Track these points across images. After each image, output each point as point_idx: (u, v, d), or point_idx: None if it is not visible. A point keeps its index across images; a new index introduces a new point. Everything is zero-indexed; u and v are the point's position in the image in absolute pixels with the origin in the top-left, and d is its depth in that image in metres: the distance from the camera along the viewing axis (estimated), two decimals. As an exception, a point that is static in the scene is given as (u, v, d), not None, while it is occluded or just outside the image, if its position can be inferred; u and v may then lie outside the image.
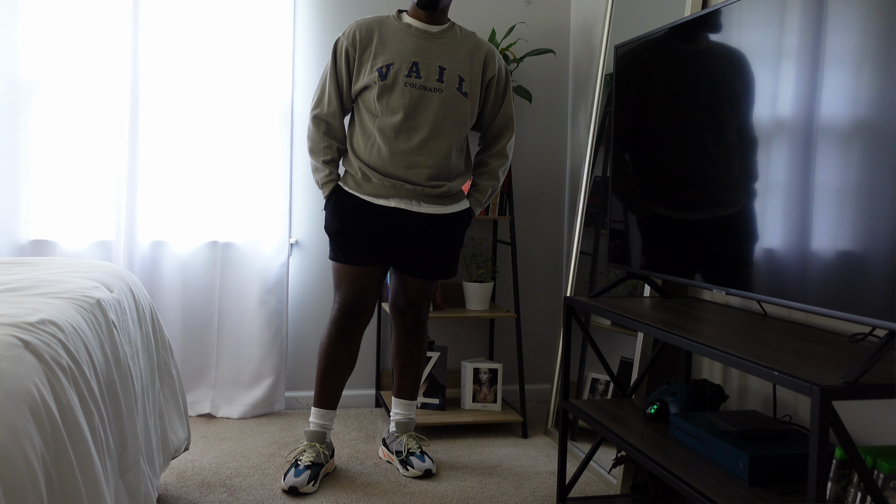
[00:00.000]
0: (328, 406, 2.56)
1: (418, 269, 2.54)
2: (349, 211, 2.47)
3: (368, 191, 2.44)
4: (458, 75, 2.45)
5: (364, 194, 2.45)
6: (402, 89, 2.40)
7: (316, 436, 2.54)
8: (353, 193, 2.46)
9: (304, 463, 2.43)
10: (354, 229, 2.46)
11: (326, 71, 2.50)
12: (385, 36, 2.44)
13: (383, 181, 2.42)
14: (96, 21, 3.02)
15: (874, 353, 1.31)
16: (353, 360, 2.57)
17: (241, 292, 3.17)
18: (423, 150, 2.41)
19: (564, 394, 2.27)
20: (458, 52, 2.48)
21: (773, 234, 1.66)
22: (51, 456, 1.17)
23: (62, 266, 2.03)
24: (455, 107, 2.45)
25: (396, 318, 2.65)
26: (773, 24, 1.68)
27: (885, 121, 1.36)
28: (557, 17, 3.49)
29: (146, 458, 1.81)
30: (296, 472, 2.39)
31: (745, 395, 2.16)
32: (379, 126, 2.41)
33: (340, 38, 2.48)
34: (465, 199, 2.57)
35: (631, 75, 2.29)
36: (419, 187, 2.42)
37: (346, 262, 2.48)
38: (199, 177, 3.14)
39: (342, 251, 2.49)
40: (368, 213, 2.45)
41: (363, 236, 2.46)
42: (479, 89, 2.52)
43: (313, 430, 2.55)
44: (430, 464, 2.54)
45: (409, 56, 2.42)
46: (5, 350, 1.19)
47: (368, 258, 2.47)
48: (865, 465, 1.38)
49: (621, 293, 2.65)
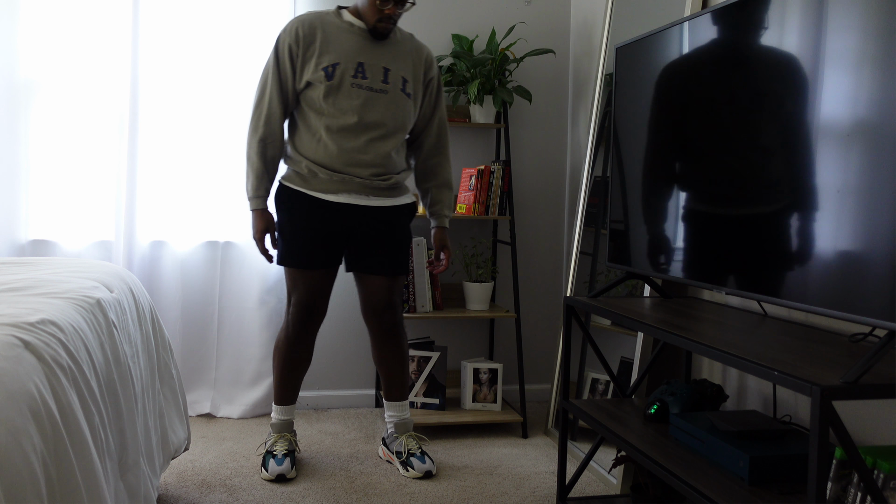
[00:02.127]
0: (290, 402, 2.65)
1: (378, 265, 2.54)
2: (297, 207, 2.47)
3: (317, 187, 2.45)
4: (401, 76, 2.49)
5: (312, 190, 2.45)
6: (349, 90, 2.42)
7: (284, 425, 2.63)
8: (301, 190, 2.47)
9: (280, 452, 2.52)
10: (306, 227, 2.47)
11: (267, 70, 2.47)
12: (328, 34, 2.44)
13: (332, 176, 2.44)
14: (96, 21, 3.02)
15: (874, 353, 1.31)
16: (311, 355, 2.65)
17: (241, 292, 3.17)
18: (369, 149, 2.45)
19: (564, 394, 2.27)
20: (401, 53, 2.51)
21: (773, 234, 1.66)
22: (51, 456, 1.16)
23: (62, 266, 2.03)
24: (400, 108, 2.49)
25: (373, 323, 2.61)
26: (773, 24, 1.68)
27: (886, 120, 1.36)
28: (557, 17, 3.49)
29: (146, 458, 1.81)
30: (277, 461, 2.49)
31: (745, 395, 2.16)
32: (326, 125, 2.42)
33: (282, 35, 2.45)
34: (410, 193, 2.62)
35: (631, 75, 2.29)
36: (367, 181, 2.46)
37: (297, 266, 2.49)
38: (198, 177, 3.14)
39: (293, 256, 2.49)
40: (319, 209, 2.46)
41: (314, 237, 2.47)
42: (421, 90, 2.57)
43: (281, 422, 2.63)
44: (430, 465, 2.54)
45: (355, 56, 2.44)
46: (5, 350, 1.19)
47: (319, 261, 2.49)
48: (865, 465, 1.38)
49: (621, 293, 2.65)
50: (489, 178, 3.13)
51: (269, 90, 2.46)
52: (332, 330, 3.29)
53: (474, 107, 3.21)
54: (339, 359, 3.33)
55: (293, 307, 2.53)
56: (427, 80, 2.59)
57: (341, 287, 3.05)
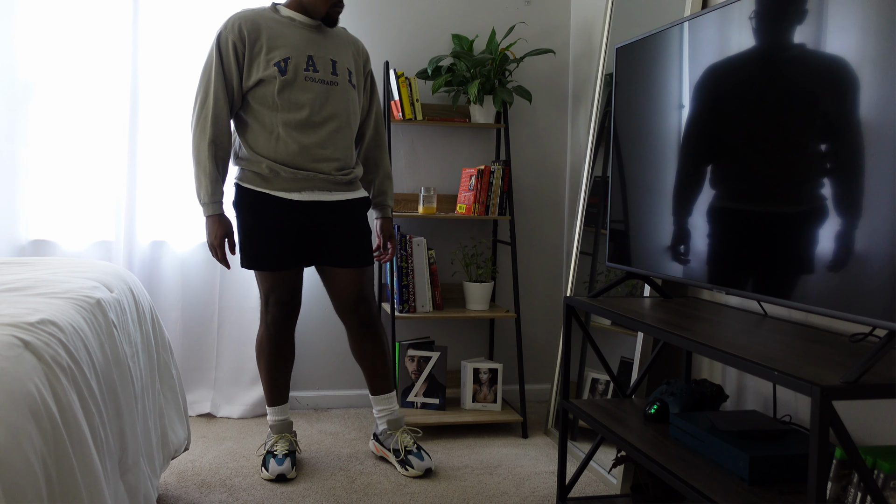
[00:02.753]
0: (283, 401, 2.65)
1: (345, 258, 2.52)
2: (261, 209, 2.45)
3: (279, 186, 2.43)
4: (347, 68, 2.51)
5: (274, 190, 2.43)
6: (303, 84, 2.41)
7: (283, 426, 2.63)
8: (262, 191, 2.43)
9: (281, 452, 2.53)
10: (272, 228, 2.44)
11: (209, 70, 2.40)
12: (272, 29, 2.42)
13: (295, 174, 2.42)
14: (96, 21, 3.02)
15: (874, 353, 1.31)
16: (294, 350, 2.66)
17: (241, 292, 3.17)
18: (330, 143, 2.45)
19: (564, 394, 2.27)
20: (342, 45, 2.54)
21: (773, 234, 1.66)
22: (51, 456, 1.16)
23: (62, 266, 2.03)
24: (351, 99, 2.52)
25: (349, 319, 2.59)
26: (773, 23, 1.68)
27: (885, 121, 1.36)
28: (557, 17, 3.49)
29: (146, 458, 1.81)
30: (278, 461, 2.50)
31: (745, 395, 2.16)
32: (283, 121, 2.40)
33: (222, 32, 2.40)
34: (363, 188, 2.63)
35: (631, 75, 2.29)
36: (331, 176, 2.45)
37: (271, 269, 2.47)
38: (199, 177, 3.13)
39: (266, 259, 2.47)
40: (283, 209, 2.44)
41: (283, 237, 2.45)
42: (362, 82, 2.60)
43: (279, 423, 2.63)
44: (428, 461, 2.55)
45: (304, 49, 2.44)
46: (5, 350, 1.19)
47: (291, 261, 2.48)
48: (865, 465, 1.38)
49: (621, 293, 2.65)
50: (489, 178, 3.13)
51: (213, 90, 2.39)
52: (332, 330, 3.29)
53: (474, 107, 3.21)
54: (338, 359, 3.33)
55: (272, 307, 2.53)
56: (366, 72, 2.62)
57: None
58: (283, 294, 2.52)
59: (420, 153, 3.37)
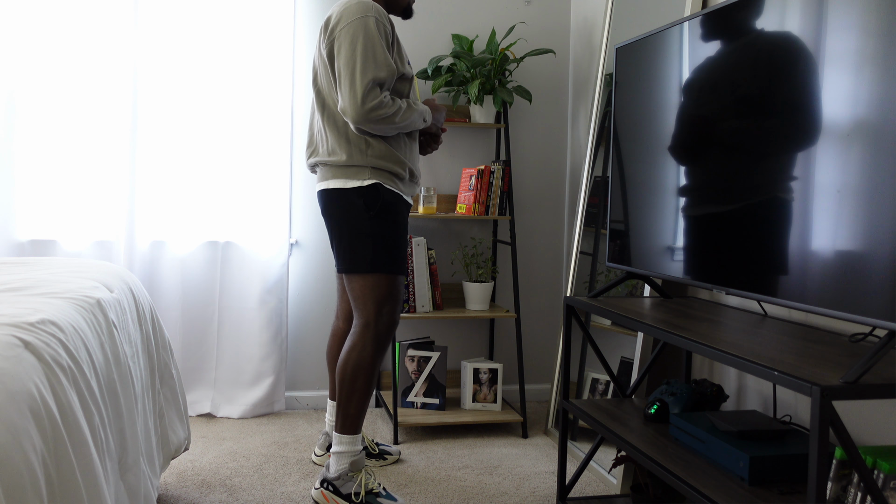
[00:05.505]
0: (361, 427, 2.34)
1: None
2: (401, 212, 2.34)
3: (407, 191, 2.38)
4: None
5: (406, 194, 2.37)
6: (412, 86, 2.42)
7: (363, 458, 2.32)
8: (398, 192, 2.32)
9: (381, 488, 2.29)
10: (406, 233, 2.38)
11: (372, 42, 2.16)
12: (393, 27, 2.33)
13: (418, 179, 2.42)
14: (97, 21, 3.02)
15: (874, 353, 1.31)
16: None
17: (241, 292, 3.17)
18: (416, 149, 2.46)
19: (564, 394, 2.27)
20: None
21: (773, 234, 1.66)
22: (51, 456, 1.17)
23: (62, 266, 2.03)
24: None
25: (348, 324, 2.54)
26: (773, 23, 1.68)
27: (886, 120, 1.36)
28: (557, 17, 3.49)
29: (146, 458, 1.81)
30: (389, 498, 2.26)
31: (745, 395, 2.16)
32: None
33: (376, 17, 2.19)
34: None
35: (631, 75, 2.29)
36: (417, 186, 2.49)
37: (404, 273, 2.36)
38: (198, 177, 3.14)
39: (402, 261, 2.34)
40: (406, 212, 2.39)
41: (406, 241, 2.40)
42: None
43: (360, 457, 2.30)
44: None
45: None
46: (5, 350, 1.19)
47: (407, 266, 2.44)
48: (865, 465, 1.38)
49: (621, 293, 2.65)
50: (489, 178, 3.13)
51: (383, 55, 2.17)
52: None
53: (474, 107, 3.21)
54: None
55: (388, 315, 2.29)
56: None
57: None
58: (398, 305, 2.34)
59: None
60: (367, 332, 2.28)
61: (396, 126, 2.23)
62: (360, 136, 2.26)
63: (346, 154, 2.27)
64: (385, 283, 2.28)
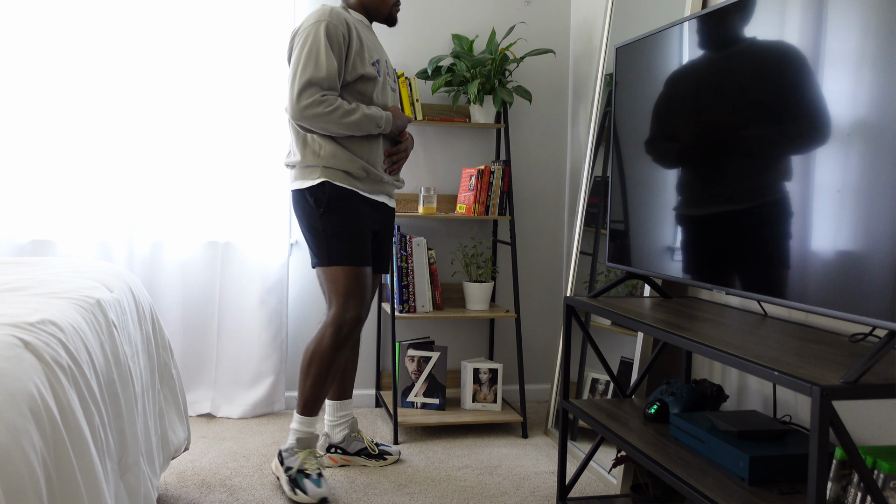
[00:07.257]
0: (318, 412, 2.45)
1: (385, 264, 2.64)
2: (353, 206, 2.40)
3: (367, 188, 2.43)
4: (393, 69, 2.59)
5: (363, 191, 2.42)
6: (384, 87, 2.48)
7: (313, 439, 2.44)
8: (351, 188, 2.39)
9: (314, 471, 2.34)
10: (362, 227, 2.43)
11: (317, 45, 2.27)
12: (358, 29, 2.41)
13: (382, 178, 2.47)
14: (97, 21, 3.02)
15: (874, 353, 1.31)
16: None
17: (241, 292, 3.17)
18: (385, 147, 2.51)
19: (564, 394, 2.27)
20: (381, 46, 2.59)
21: (773, 234, 1.66)
22: (51, 456, 1.16)
23: (62, 266, 2.03)
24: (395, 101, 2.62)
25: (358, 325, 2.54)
26: (773, 23, 1.68)
27: (886, 120, 1.36)
28: (557, 17, 3.49)
29: (146, 458, 1.81)
30: (314, 482, 2.31)
31: (745, 395, 2.16)
32: None
33: (328, 21, 2.29)
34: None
35: (631, 75, 2.29)
36: (391, 184, 2.55)
37: (363, 264, 2.41)
38: (198, 177, 3.14)
39: (358, 253, 2.40)
40: (367, 209, 2.45)
41: (366, 236, 2.45)
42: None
43: (309, 436, 2.43)
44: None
45: (382, 53, 2.52)
46: (5, 350, 1.19)
47: (369, 258, 2.46)
48: (865, 465, 1.38)
49: (621, 293, 2.65)
50: (489, 178, 3.13)
51: (324, 59, 2.27)
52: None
53: (474, 107, 3.21)
54: (339, 359, 3.33)
55: (353, 310, 2.37)
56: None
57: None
58: (364, 297, 2.40)
59: (420, 153, 3.36)
60: (330, 326, 2.39)
61: (340, 125, 2.31)
62: (315, 139, 2.37)
63: (300, 155, 2.39)
64: (344, 274, 2.37)
